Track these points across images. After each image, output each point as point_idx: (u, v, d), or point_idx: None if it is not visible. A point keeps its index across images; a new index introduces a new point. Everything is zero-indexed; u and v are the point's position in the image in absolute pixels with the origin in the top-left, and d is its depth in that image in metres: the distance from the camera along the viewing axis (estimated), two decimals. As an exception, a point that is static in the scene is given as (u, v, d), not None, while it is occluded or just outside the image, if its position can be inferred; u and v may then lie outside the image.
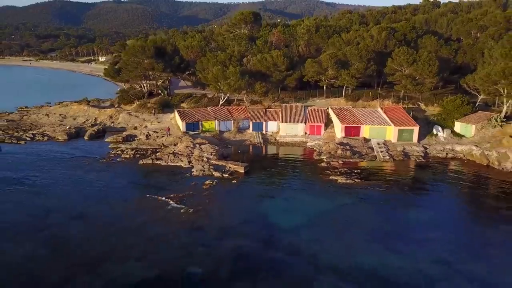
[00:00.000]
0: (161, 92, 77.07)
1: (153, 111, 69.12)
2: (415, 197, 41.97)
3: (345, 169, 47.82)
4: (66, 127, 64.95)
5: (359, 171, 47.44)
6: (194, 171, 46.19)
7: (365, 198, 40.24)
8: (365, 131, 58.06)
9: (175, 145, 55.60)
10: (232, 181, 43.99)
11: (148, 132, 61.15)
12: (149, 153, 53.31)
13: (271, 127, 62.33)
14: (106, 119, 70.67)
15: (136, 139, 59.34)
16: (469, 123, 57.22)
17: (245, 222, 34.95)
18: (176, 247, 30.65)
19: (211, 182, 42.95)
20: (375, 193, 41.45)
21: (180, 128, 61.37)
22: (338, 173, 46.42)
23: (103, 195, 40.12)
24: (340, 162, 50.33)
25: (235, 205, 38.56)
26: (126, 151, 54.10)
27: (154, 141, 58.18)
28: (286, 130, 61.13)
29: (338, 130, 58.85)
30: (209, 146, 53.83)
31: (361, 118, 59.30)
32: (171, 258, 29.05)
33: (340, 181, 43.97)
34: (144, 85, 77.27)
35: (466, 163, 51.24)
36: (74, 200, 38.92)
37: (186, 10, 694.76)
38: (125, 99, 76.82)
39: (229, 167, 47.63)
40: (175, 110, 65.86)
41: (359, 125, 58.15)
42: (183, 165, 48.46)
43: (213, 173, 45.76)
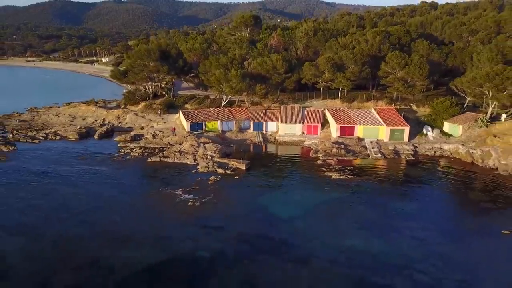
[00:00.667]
0: (165, 94, 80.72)
1: (158, 111, 72.81)
2: (403, 191, 45.63)
3: (339, 166, 51.50)
4: (76, 127, 68.63)
5: (352, 168, 51.15)
6: (199, 168, 49.90)
7: (356, 192, 43.96)
8: (359, 131, 61.78)
9: (181, 144, 59.24)
10: (235, 177, 47.72)
11: (154, 132, 64.81)
12: (157, 151, 56.95)
13: (271, 127, 66.05)
14: (114, 119, 74.32)
15: (144, 138, 62.98)
16: (457, 123, 60.92)
17: (247, 212, 38.86)
18: (187, 232, 34.72)
19: (215, 178, 46.71)
20: (366, 188, 45.17)
21: (185, 128, 65.05)
22: (332, 169, 50.11)
23: (121, 188, 44.47)
24: (335, 159, 53.98)
25: (238, 198, 42.39)
26: (134, 149, 57.73)
27: (160, 140, 61.85)
28: (285, 130, 64.81)
29: (334, 130, 62.54)
30: (212, 145, 57.48)
31: (355, 118, 63.00)
32: (182, 241, 33.17)
33: (334, 177, 47.69)
34: (149, 86, 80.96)
35: (453, 161, 54.92)
36: (98, 191, 43.48)
37: (186, 10, 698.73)
38: (131, 100, 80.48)
39: (232, 164, 51.28)
40: (180, 111, 69.58)
41: (353, 125, 61.86)
42: (189, 162, 52.17)
43: (217, 169, 49.46)
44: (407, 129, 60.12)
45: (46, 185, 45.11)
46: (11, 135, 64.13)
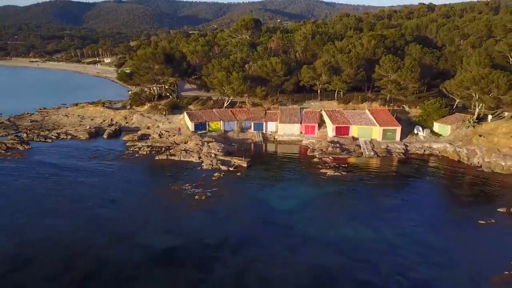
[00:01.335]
0: (169, 95, 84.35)
1: (163, 112, 76.48)
2: (392, 186, 49.40)
3: (334, 163, 55.25)
4: (86, 127, 72.29)
5: (346, 165, 54.91)
6: (204, 165, 53.61)
7: (349, 187, 47.73)
8: (354, 131, 65.49)
9: (186, 143, 62.90)
10: (237, 174, 51.43)
11: (160, 132, 68.48)
12: (163, 150, 60.64)
13: (271, 127, 69.75)
14: (121, 119, 78.00)
15: (150, 137, 66.61)
16: (446, 123, 64.62)
17: (248, 205, 42.68)
18: (195, 221, 38.54)
19: (219, 174, 50.45)
20: (359, 183, 48.95)
21: (189, 128, 68.72)
22: (328, 167, 53.86)
23: (134, 183, 48.58)
24: (331, 157, 57.69)
25: (240, 192, 46.18)
26: (142, 148, 61.43)
27: (166, 139, 65.51)
28: (284, 130, 68.52)
29: (330, 129, 66.25)
30: (215, 144, 61.16)
31: (350, 119, 66.71)
32: (190, 230, 36.90)
33: (329, 173, 51.42)
34: (154, 88, 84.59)
35: (441, 159, 58.65)
36: (112, 185, 47.66)
37: (187, 10, 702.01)
38: (137, 101, 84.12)
39: (234, 162, 54.99)
40: (184, 111, 73.28)
41: (348, 125, 65.57)
42: (194, 160, 55.87)
43: (220, 167, 53.15)
44: (399, 129, 63.82)
45: (67, 178, 49.66)
46: (25, 134, 67.83)
